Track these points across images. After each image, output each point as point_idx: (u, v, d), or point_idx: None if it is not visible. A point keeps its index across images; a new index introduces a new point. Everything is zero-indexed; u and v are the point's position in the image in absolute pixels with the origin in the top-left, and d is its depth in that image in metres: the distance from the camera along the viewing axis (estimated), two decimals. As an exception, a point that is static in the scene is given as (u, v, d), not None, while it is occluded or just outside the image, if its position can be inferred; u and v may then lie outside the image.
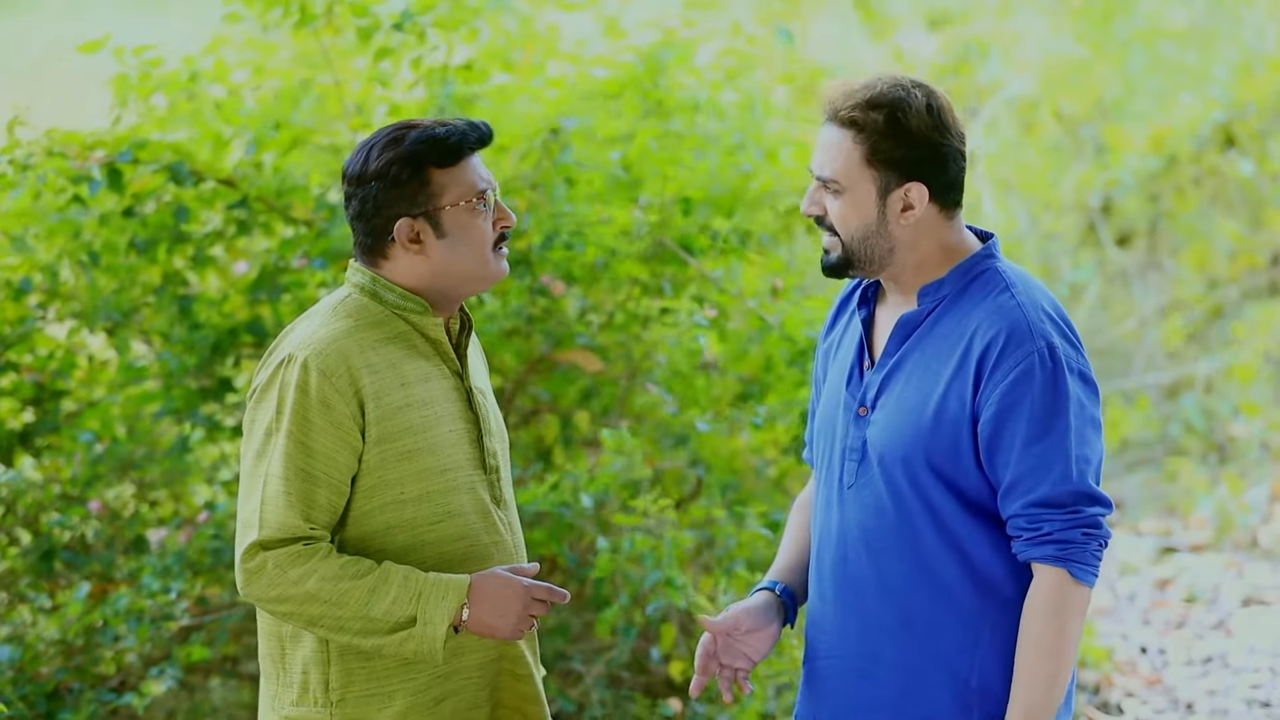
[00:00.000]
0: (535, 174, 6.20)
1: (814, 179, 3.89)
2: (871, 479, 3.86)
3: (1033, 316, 3.80)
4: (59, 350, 6.70)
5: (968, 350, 3.80)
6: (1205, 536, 9.29)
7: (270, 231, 6.53)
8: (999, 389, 3.76)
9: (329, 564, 3.78)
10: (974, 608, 3.83)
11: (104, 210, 6.34)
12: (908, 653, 3.86)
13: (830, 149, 3.84)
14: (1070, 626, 3.77)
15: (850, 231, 3.84)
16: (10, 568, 6.57)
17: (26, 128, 6.23)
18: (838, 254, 3.87)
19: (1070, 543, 3.77)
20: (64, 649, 6.14)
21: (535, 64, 6.75)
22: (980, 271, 3.88)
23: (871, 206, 3.83)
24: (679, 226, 6.30)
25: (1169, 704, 7.39)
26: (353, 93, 6.69)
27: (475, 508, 3.93)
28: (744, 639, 3.98)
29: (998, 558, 3.83)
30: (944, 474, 3.80)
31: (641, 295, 6.46)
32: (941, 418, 3.79)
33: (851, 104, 3.81)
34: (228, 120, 6.43)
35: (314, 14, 6.55)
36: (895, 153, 3.81)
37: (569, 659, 6.40)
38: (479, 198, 3.90)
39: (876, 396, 3.88)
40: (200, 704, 6.45)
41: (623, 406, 6.48)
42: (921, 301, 3.88)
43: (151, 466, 6.51)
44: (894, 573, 3.85)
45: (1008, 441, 3.76)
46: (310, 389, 3.79)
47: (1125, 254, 11.76)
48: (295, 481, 3.78)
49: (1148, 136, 11.64)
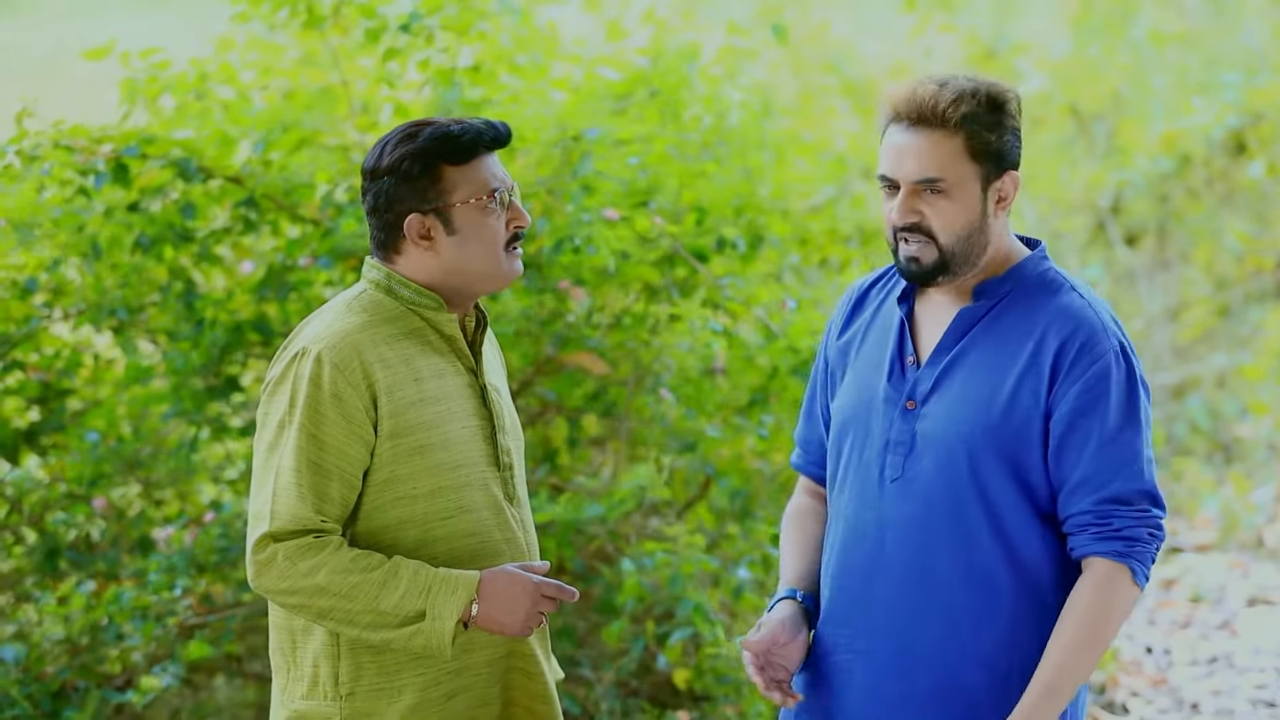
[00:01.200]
0: (552, 179, 6.20)
1: (900, 186, 3.86)
2: (922, 471, 3.86)
3: (1104, 318, 3.86)
4: (65, 349, 6.70)
5: (1040, 347, 3.83)
6: (1211, 536, 9.29)
7: (277, 230, 6.53)
8: (1076, 386, 3.80)
9: (339, 557, 3.78)
10: (1017, 607, 3.84)
11: (109, 205, 6.34)
12: (947, 648, 3.86)
13: (925, 150, 3.83)
14: (1114, 620, 3.80)
15: (955, 231, 3.85)
16: (16, 567, 6.58)
17: (34, 119, 6.22)
18: (933, 259, 3.86)
19: (1137, 540, 3.81)
20: (69, 648, 6.15)
21: (539, 65, 6.75)
22: (1041, 271, 3.92)
23: (977, 202, 3.86)
24: (690, 233, 6.32)
25: (1174, 704, 7.39)
26: (359, 92, 6.69)
27: (488, 504, 3.94)
28: (781, 651, 3.98)
29: (1046, 558, 3.85)
30: (1011, 464, 3.82)
31: (650, 300, 6.47)
32: (1013, 411, 3.82)
33: (947, 100, 3.81)
34: (236, 121, 6.43)
35: (321, 15, 6.56)
36: (995, 144, 3.84)
37: (578, 664, 6.40)
38: (490, 196, 3.91)
39: (931, 390, 3.88)
40: (205, 703, 6.46)
41: (629, 410, 6.48)
42: (979, 298, 3.90)
43: (157, 466, 6.52)
44: (940, 565, 3.85)
45: (1082, 438, 3.79)
46: (323, 382, 3.81)
47: (1133, 254, 11.75)
48: (307, 474, 3.79)
49: (1159, 136, 11.63)
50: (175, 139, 6.24)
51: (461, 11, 6.54)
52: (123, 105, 6.46)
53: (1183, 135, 11.56)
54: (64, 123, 6.20)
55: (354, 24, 6.63)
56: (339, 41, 6.67)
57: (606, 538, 6.19)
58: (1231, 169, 11.65)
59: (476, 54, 6.67)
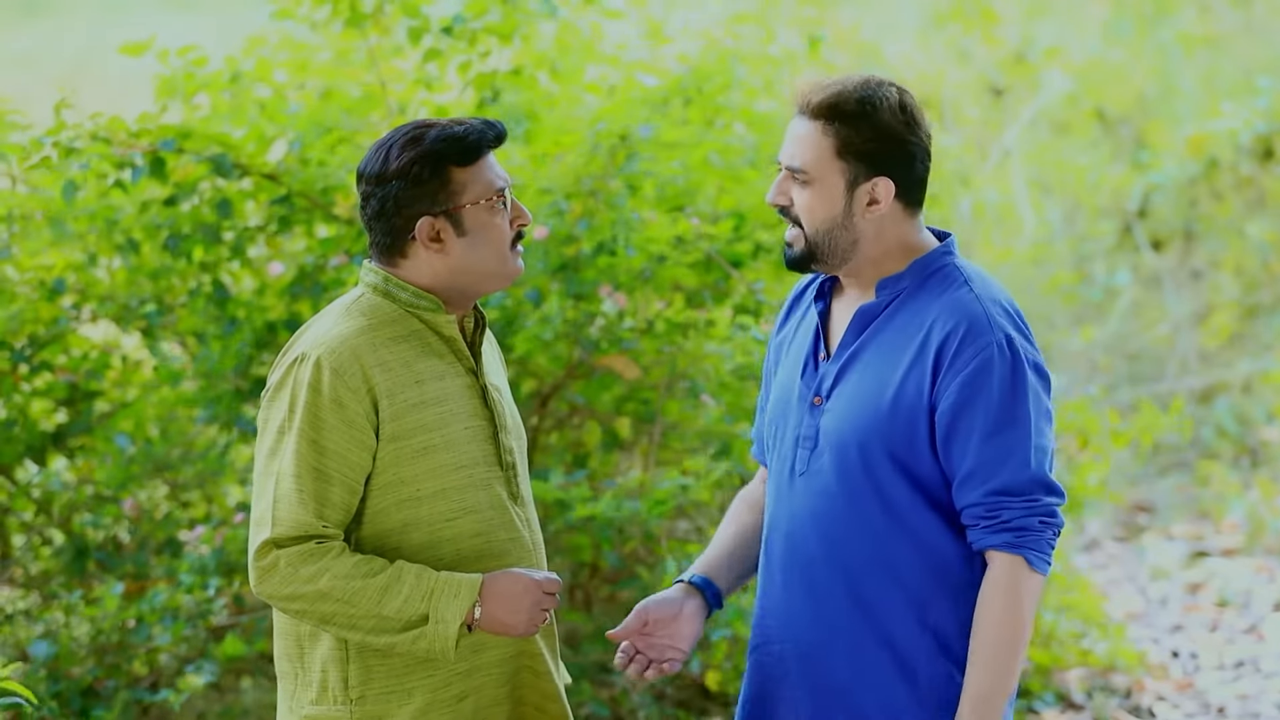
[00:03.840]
0: (595, 180, 6.20)
1: (781, 169, 3.93)
2: (824, 466, 3.91)
3: (990, 310, 3.87)
4: (93, 351, 6.72)
5: (926, 341, 3.86)
6: (1237, 541, 9.27)
7: (309, 230, 6.54)
8: (958, 379, 3.82)
9: (341, 562, 3.79)
10: (923, 591, 3.88)
11: (144, 200, 6.35)
12: (858, 635, 3.90)
13: (800, 140, 3.90)
14: (1025, 614, 3.83)
15: (816, 223, 3.90)
16: (44, 568, 6.59)
17: (72, 110, 6.23)
18: (801, 247, 3.93)
19: (1027, 530, 3.83)
20: (97, 648, 6.16)
21: (576, 68, 6.76)
22: (939, 267, 3.94)
23: (839, 199, 3.89)
24: (725, 238, 6.33)
25: (1200, 708, 7.38)
26: (396, 93, 6.70)
27: (492, 504, 3.94)
28: (660, 632, 4.02)
29: (948, 542, 3.88)
30: (899, 460, 3.85)
31: (685, 305, 6.48)
32: (899, 405, 3.85)
33: (824, 96, 3.87)
34: (272, 119, 6.44)
35: (363, 14, 6.57)
36: (865, 146, 3.87)
37: (609, 670, 6.40)
38: (498, 196, 3.92)
39: (833, 386, 3.93)
40: (232, 705, 6.46)
41: (661, 414, 6.48)
42: (880, 294, 3.94)
43: (185, 468, 6.53)
44: (844, 555, 3.90)
45: (965, 431, 3.82)
46: (323, 387, 3.80)
47: (1160, 258, 11.73)
48: (308, 480, 3.79)
49: (1186, 140, 11.61)
50: (212, 133, 6.24)
51: (505, 15, 6.54)
52: (159, 101, 6.47)
53: (1210, 139, 11.54)
54: (101, 115, 6.21)
55: (395, 23, 6.64)
56: (378, 41, 6.68)
57: (641, 539, 6.19)
58: (1259, 174, 11.63)
59: (515, 57, 6.68)
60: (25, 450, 6.57)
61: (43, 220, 6.41)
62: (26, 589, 6.63)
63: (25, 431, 6.55)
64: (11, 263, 6.51)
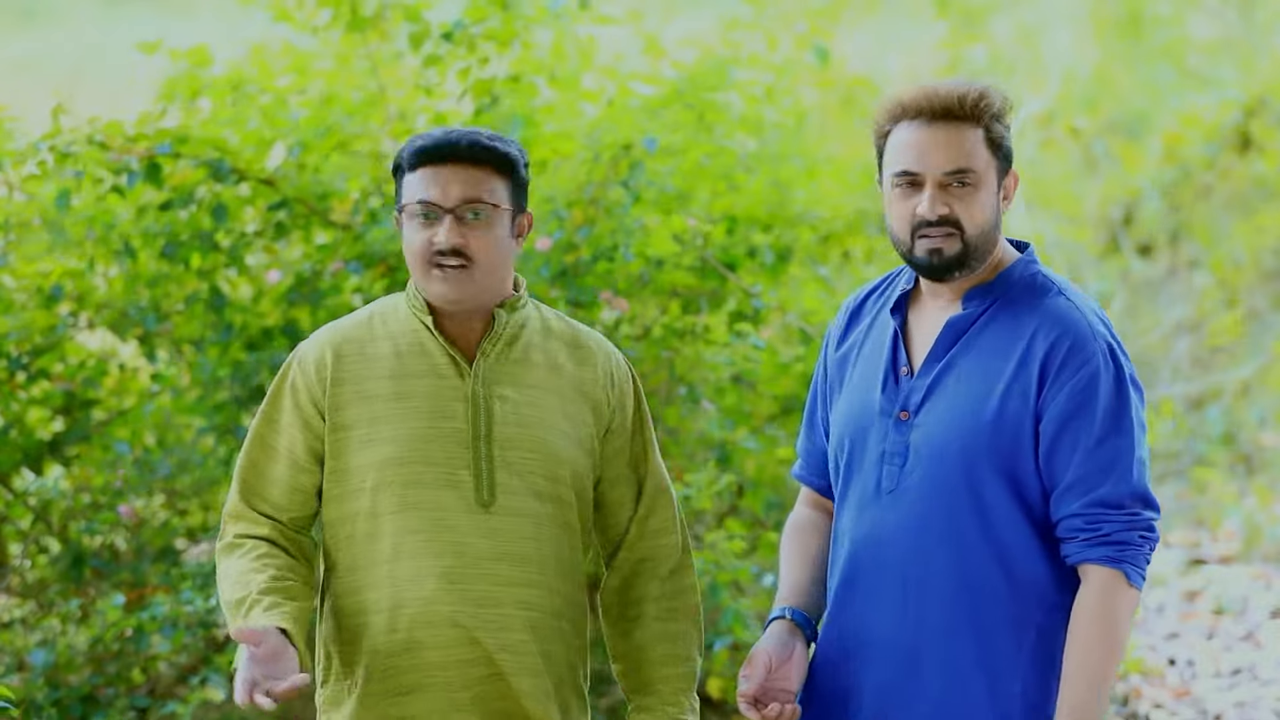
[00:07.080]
0: (596, 188, 6.19)
1: (926, 181, 3.85)
2: (915, 482, 3.86)
3: (1091, 319, 3.85)
4: (90, 359, 6.71)
5: (1028, 352, 3.82)
6: (1234, 548, 9.28)
7: (307, 236, 6.53)
8: (1065, 389, 3.78)
9: (239, 563, 3.92)
10: (1018, 612, 3.83)
11: (141, 205, 6.35)
12: (952, 654, 3.85)
13: (954, 142, 3.84)
14: (1121, 629, 3.79)
15: (979, 225, 3.86)
16: (41, 576, 6.58)
17: (69, 116, 6.22)
18: (956, 250, 3.85)
19: (1128, 544, 3.79)
20: (95, 656, 6.15)
21: (572, 77, 6.75)
22: (1029, 275, 3.91)
23: (995, 196, 3.88)
24: (721, 243, 6.32)
25: (1197, 715, 7.38)
26: (395, 99, 6.69)
27: (440, 505, 3.91)
28: (777, 674, 3.95)
29: (1042, 563, 3.84)
30: (1006, 471, 3.81)
31: (682, 311, 6.47)
32: (1003, 417, 3.81)
33: (973, 95, 3.85)
34: (271, 124, 6.43)
35: (364, 18, 6.56)
36: (1005, 141, 3.88)
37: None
38: (420, 205, 3.88)
39: (923, 400, 3.88)
40: (229, 714, 6.45)
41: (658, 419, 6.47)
42: (968, 305, 3.90)
43: (182, 476, 6.52)
44: (935, 575, 3.85)
45: (1071, 441, 3.78)
46: (288, 373, 3.96)
47: (1148, 265, 11.75)
48: (256, 452, 3.95)
49: (1162, 146, 11.64)
50: (209, 138, 6.24)
51: (505, 21, 6.53)
52: (159, 104, 6.47)
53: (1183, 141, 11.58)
54: (99, 119, 6.19)
55: (396, 28, 6.63)
56: (378, 46, 6.68)
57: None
58: (1235, 168, 11.65)
59: (513, 64, 6.67)
60: (22, 458, 6.56)
61: (39, 227, 6.40)
62: (24, 597, 6.62)
63: (22, 439, 6.54)
64: (8, 270, 6.50)
